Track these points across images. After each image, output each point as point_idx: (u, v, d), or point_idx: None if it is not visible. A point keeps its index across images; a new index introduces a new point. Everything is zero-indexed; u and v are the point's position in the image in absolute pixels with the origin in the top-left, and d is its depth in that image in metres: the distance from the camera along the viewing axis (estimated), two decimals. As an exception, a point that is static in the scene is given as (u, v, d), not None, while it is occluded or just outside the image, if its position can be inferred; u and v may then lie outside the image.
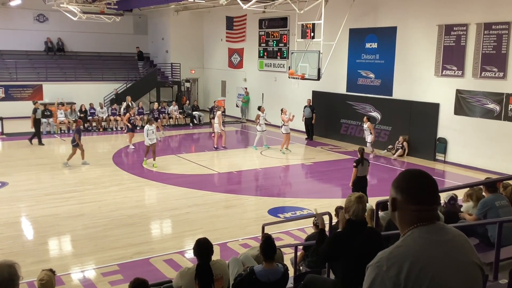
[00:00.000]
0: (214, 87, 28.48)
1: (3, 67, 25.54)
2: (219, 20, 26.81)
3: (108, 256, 8.39)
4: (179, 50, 28.26)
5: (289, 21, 21.77)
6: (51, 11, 25.01)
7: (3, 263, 2.98)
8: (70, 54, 28.11)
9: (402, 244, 1.92)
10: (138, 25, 30.19)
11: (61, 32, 27.50)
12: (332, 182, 14.34)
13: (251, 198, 12.53)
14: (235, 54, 26.50)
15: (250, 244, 8.81)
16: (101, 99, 24.27)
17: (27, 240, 9.49)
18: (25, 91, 24.84)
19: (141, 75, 27.56)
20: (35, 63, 26.46)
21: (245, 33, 25.36)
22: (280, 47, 23.00)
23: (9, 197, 11.81)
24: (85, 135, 21.07)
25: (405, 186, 1.99)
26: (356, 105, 19.30)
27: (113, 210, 10.93)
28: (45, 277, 3.58)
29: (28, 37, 26.80)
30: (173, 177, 14.16)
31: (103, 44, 28.36)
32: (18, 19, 26.50)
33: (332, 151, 18.28)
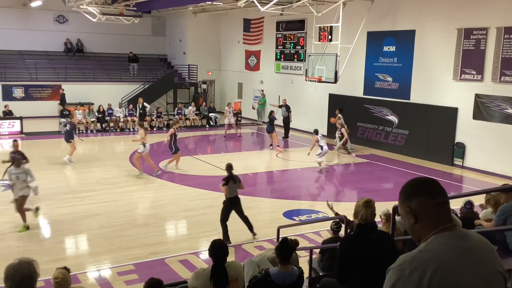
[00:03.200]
0: (231, 89, 28.56)
1: (23, 67, 25.96)
2: (236, 22, 26.89)
3: (124, 255, 8.45)
4: (196, 52, 28.42)
5: (307, 23, 21.75)
6: (71, 12, 25.35)
7: (23, 260, 3.02)
8: (89, 55, 28.46)
9: (425, 249, 1.91)
10: (156, 26, 30.44)
11: (80, 33, 27.87)
12: (348, 186, 14.26)
13: (266, 200, 12.52)
14: (252, 56, 26.54)
15: (265, 246, 8.81)
16: (119, 100, 24.48)
17: (45, 238, 9.62)
18: (44, 91, 25.20)
19: (132, 77, 27.59)
20: (54, 64, 26.84)
21: (262, 36, 25.40)
22: (297, 50, 22.98)
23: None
24: (103, 135, 21.35)
25: (413, 189, 2.01)
26: (373, 109, 19.18)
27: (129, 210, 11.02)
28: (60, 275, 3.62)
29: (48, 38, 27.21)
30: (188, 178, 14.22)
31: (121, 46, 28.66)
32: (39, 20, 26.92)
33: (348, 155, 18.15)
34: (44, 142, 18.94)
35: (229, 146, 20.31)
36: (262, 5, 15.63)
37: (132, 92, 25.82)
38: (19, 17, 26.55)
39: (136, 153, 14.36)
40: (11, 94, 24.29)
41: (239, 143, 20.88)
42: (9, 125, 20.13)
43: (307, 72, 18.59)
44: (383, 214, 6.63)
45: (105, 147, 19.66)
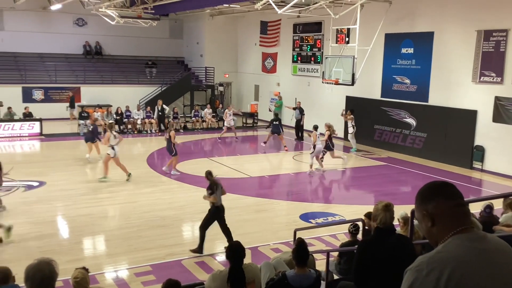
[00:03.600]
0: (247, 91, 28.61)
1: (43, 69, 26.37)
2: (253, 24, 26.94)
3: (141, 256, 8.51)
4: (213, 54, 28.55)
5: (324, 25, 21.69)
6: (90, 15, 25.72)
7: (43, 260, 3.07)
8: (108, 57, 28.78)
9: (443, 250, 1.91)
10: (173, 29, 30.67)
11: (99, 36, 28.22)
12: (365, 189, 14.16)
13: (283, 203, 12.51)
14: (268, 58, 26.56)
15: (281, 249, 8.79)
16: (137, 102, 24.69)
17: (63, 239, 9.73)
18: (63, 93, 25.54)
19: (150, 79, 27.86)
20: (73, 66, 27.20)
21: (279, 38, 25.40)
22: (314, 52, 22.93)
23: (47, 197, 12.15)
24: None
25: (429, 192, 2.02)
26: (390, 111, 19.03)
27: (146, 211, 11.10)
28: (79, 275, 3.67)
29: (68, 41, 27.60)
30: (205, 180, 14.21)
31: (139, 48, 28.94)
32: (58, 23, 27.33)
33: (365, 157, 18.06)
34: (63, 144, 19.21)
35: (245, 149, 20.34)
36: (279, 7, 15.64)
37: (149, 95, 26.04)
38: (39, 20, 26.99)
39: (106, 156, 13.93)
40: (31, 96, 24.68)
41: (247, 146, 20.90)
42: (29, 127, 20.45)
43: (324, 74, 18.54)
44: (401, 217, 6.57)
45: (122, 149, 19.74)
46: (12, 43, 26.31)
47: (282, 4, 16.50)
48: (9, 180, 13.37)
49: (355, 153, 18.67)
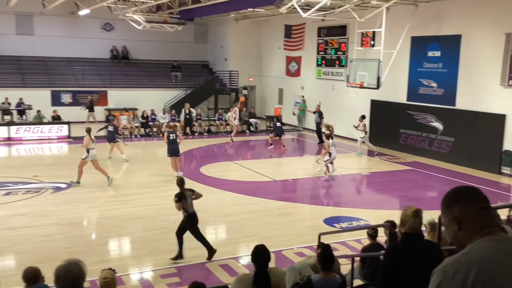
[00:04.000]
0: (271, 95, 28.64)
1: (71, 73, 26.90)
2: (278, 28, 26.98)
3: (166, 258, 8.58)
4: (238, 58, 28.68)
5: (349, 29, 21.58)
6: (117, 20, 26.14)
7: (72, 261, 3.13)
8: (134, 61, 29.20)
9: (469, 251, 1.91)
10: (198, 34, 30.94)
11: (126, 40, 28.67)
12: (390, 193, 14.01)
13: (307, 207, 12.46)
14: (292, 62, 26.55)
15: (305, 253, 8.76)
16: (162, 106, 24.97)
17: (90, 240, 9.89)
18: (91, 96, 25.97)
19: (175, 83, 28.06)
20: (101, 70, 27.68)
21: (303, 41, 25.37)
22: (339, 55, 22.82)
23: (74, 198, 12.38)
24: (146, 140, 21.82)
25: (455, 196, 2.03)
26: (416, 115, 18.78)
27: (171, 214, 11.15)
28: (109, 275, 3.74)
29: (95, 45, 28.12)
30: (229, 183, 14.34)
31: (165, 52, 29.28)
32: (86, 28, 27.86)
33: (390, 161, 17.86)
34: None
35: (268, 152, 20.32)
36: (304, 11, 15.62)
37: (174, 98, 26.32)
38: (68, 25, 27.58)
39: (81, 160, 13.66)
40: (59, 99, 25.19)
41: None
42: (58, 130, 20.88)
43: (348, 78, 18.43)
44: (428, 223, 6.47)
45: (148, 151, 20.10)
46: (41, 47, 26.94)
47: (307, 7, 16.49)
48: (38, 181, 13.70)
49: (379, 157, 18.50)
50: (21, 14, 26.30)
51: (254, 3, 18.66)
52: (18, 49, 26.54)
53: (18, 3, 22.60)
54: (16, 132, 20.42)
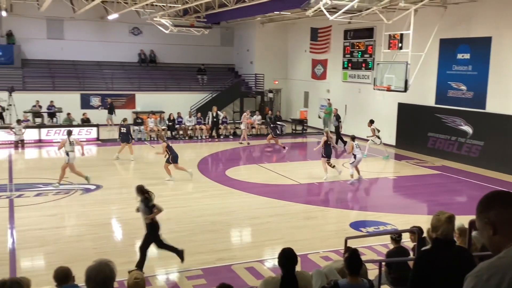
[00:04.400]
0: (297, 98, 28.59)
1: (101, 77, 27.41)
2: (304, 31, 26.92)
3: (193, 260, 8.64)
4: (263, 61, 28.74)
5: (376, 31, 21.38)
6: (145, 24, 26.52)
7: (103, 261, 3.18)
8: (161, 65, 29.58)
9: (504, 256, 1.88)
10: (224, 37, 31.14)
11: (153, 44, 29.07)
12: (418, 198, 13.80)
13: (332, 210, 12.38)
14: (318, 65, 26.45)
15: (331, 257, 8.70)
16: (188, 109, 25.18)
17: (118, 241, 10.05)
18: (119, 100, 26.44)
19: (201, 86, 28.22)
20: (129, 74, 28.12)
21: (330, 44, 25.25)
22: (365, 58, 22.63)
23: (103, 200, 12.59)
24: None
25: (491, 200, 2.01)
26: (445, 118, 18.47)
27: (197, 216, 11.28)
28: (139, 276, 3.80)
29: (124, 49, 28.61)
30: (254, 186, 14.35)
31: (191, 56, 29.57)
32: (115, 32, 28.38)
33: (418, 165, 17.60)
34: (118, 149, 19.78)
35: (293, 155, 20.31)
36: (331, 14, 15.55)
37: (200, 101, 26.53)
38: (97, 29, 28.13)
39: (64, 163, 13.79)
40: (88, 102, 25.68)
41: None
42: (87, 132, 21.28)
43: (375, 80, 18.25)
44: (458, 229, 6.35)
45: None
46: (71, 51, 27.56)
47: (333, 10, 16.41)
48: (68, 183, 13.97)
49: (406, 161, 18.26)
50: (52, 19, 26.94)
51: (280, 6, 18.67)
52: (48, 53, 27.21)
53: (49, 8, 23.14)
54: (46, 134, 20.90)
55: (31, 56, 27.12)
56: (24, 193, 12.91)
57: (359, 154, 14.72)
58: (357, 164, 14.85)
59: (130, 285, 3.76)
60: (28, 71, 26.24)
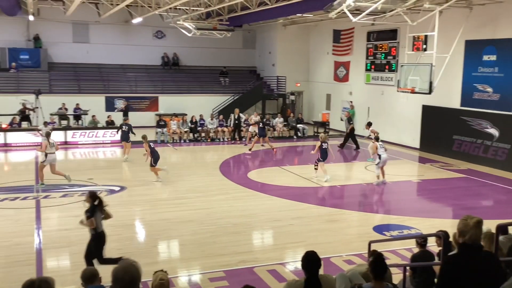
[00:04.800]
0: (319, 100, 28.48)
1: (125, 80, 27.78)
2: (326, 33, 26.82)
3: (215, 262, 8.69)
4: (285, 64, 28.73)
5: (399, 33, 21.17)
6: (168, 27, 26.85)
7: (129, 262, 3.23)
8: (184, 68, 29.84)
9: None
10: (246, 40, 31.25)
11: (176, 47, 29.37)
12: (443, 202, 13.58)
13: (355, 214, 12.28)
14: (341, 67, 26.31)
15: (354, 261, 8.64)
16: (211, 111, 25.32)
17: (142, 242, 10.16)
18: (143, 102, 26.76)
19: (224, 88, 28.28)
20: (152, 77, 28.44)
21: (352, 46, 25.10)
22: (389, 60, 22.42)
23: (127, 201, 12.75)
24: (195, 145, 22.18)
25: None
26: (471, 121, 18.16)
27: (220, 218, 11.33)
28: (164, 277, 3.84)
29: (147, 52, 28.96)
30: (276, 188, 14.35)
31: (213, 59, 29.77)
32: (139, 35, 28.76)
33: (443, 169, 17.34)
34: (142, 151, 19.98)
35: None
36: (354, 15, 15.45)
37: (222, 103, 26.65)
38: (121, 33, 28.55)
39: (40, 164, 14.08)
40: (113, 105, 26.03)
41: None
42: (111, 134, 21.56)
43: (399, 83, 18.06)
44: (484, 233, 6.24)
45: (196, 156, 20.42)
46: (96, 55, 28.02)
47: (356, 12, 16.31)
48: (93, 184, 14.20)
49: (431, 164, 18.02)
50: (77, 23, 27.44)
51: (303, 8, 18.64)
52: (74, 56, 27.71)
53: (75, 12, 23.58)
54: (72, 136, 21.27)
55: (58, 60, 27.66)
56: (50, 194, 13.17)
57: (384, 154, 14.61)
58: (383, 165, 14.71)
59: (156, 286, 3.80)
60: (54, 74, 26.77)
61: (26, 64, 26.30)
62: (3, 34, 26.38)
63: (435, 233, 6.30)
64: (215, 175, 15.95)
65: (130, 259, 3.31)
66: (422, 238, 6.66)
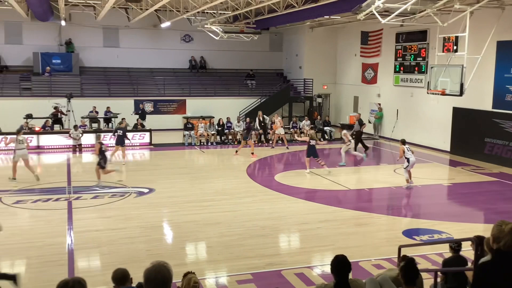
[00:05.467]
0: (346, 103, 28.27)
1: (153, 83, 28.16)
2: (354, 35, 26.62)
3: (242, 264, 8.71)
4: (312, 66, 28.63)
5: (429, 34, 20.85)
6: (196, 31, 27.12)
7: (161, 263, 3.26)
8: (211, 71, 30.07)
9: None
10: (273, 42, 31.29)
11: (204, 50, 29.64)
12: (474, 206, 13.29)
13: (384, 217, 12.13)
14: (369, 69, 26.06)
15: (384, 265, 8.53)
16: (237, 114, 25.43)
17: (170, 243, 10.26)
18: (170, 105, 27.07)
19: (250, 91, 28.25)
20: (180, 80, 28.74)
21: (381, 48, 24.83)
22: (418, 62, 22.09)
23: (156, 203, 12.90)
24: (222, 148, 22.30)
25: None
26: (503, 123, 17.72)
27: (247, 220, 11.35)
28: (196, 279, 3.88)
29: (175, 56, 29.32)
30: (304, 191, 14.30)
31: (240, 62, 29.91)
32: (167, 39, 29.14)
33: (474, 172, 16.98)
34: (170, 153, 20.28)
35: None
36: (382, 17, 15.29)
37: (249, 106, 26.73)
38: (150, 37, 28.97)
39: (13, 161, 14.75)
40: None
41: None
42: (140, 137, 21.89)
43: (429, 84, 17.77)
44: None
45: (223, 158, 20.51)
46: (126, 59, 28.51)
47: (385, 13, 16.14)
48: (123, 186, 14.43)
49: (462, 167, 17.67)
50: (108, 27, 27.97)
51: (330, 10, 18.55)
52: (104, 60, 28.26)
53: (105, 17, 24.04)
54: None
55: (88, 64, 28.25)
56: (81, 196, 13.44)
57: (412, 157, 14.44)
58: (411, 167, 14.53)
59: (186, 287, 3.84)
60: (85, 78, 27.34)
61: (58, 68, 26.95)
62: (36, 39, 27.10)
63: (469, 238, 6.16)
64: (242, 178, 16.00)
65: (161, 261, 3.34)
66: (456, 243, 6.52)
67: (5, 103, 24.08)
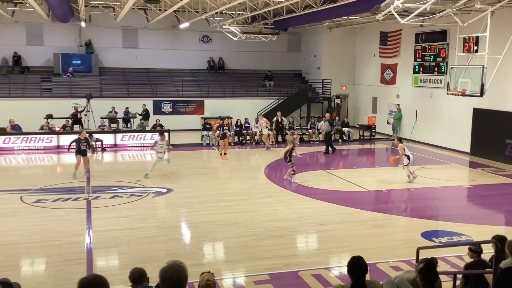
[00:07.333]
0: (365, 103, 28.08)
1: (171, 84, 28.35)
2: (372, 35, 26.43)
3: (260, 265, 8.71)
4: (331, 67, 28.52)
5: (449, 34, 20.59)
6: (214, 32, 27.24)
7: (176, 262, 3.29)
8: (229, 71, 30.16)
9: None
10: (292, 43, 31.24)
11: (222, 51, 29.76)
12: (494, 208, 13.08)
13: (402, 219, 12.01)
14: (388, 69, 25.84)
15: (402, 267, 8.45)
16: (255, 114, 25.42)
17: (187, 243, 10.31)
18: (189, 106, 27.23)
19: (268, 92, 28.22)
20: (198, 81, 28.89)
21: (400, 48, 24.61)
22: (438, 62, 21.83)
23: (174, 203, 12.99)
24: (240, 148, 22.34)
25: None
26: (525, 125, 17.42)
27: (264, 221, 11.35)
28: (211, 278, 3.89)
29: (194, 57, 29.50)
30: (321, 192, 14.23)
31: (258, 62, 29.94)
32: (186, 40, 29.33)
33: (495, 174, 16.71)
34: (188, 154, 20.39)
35: (361, 162, 19.91)
36: (402, 17, 15.15)
37: (267, 107, 26.72)
38: (169, 38, 29.20)
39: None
40: (160, 109, 26.63)
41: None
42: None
43: (449, 85, 17.53)
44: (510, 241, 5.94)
45: (241, 159, 20.55)
46: (145, 60, 28.77)
47: (404, 13, 15.99)
48: (141, 186, 14.55)
49: (482, 169, 17.40)
50: (127, 28, 28.27)
51: (349, 10, 18.45)
52: (124, 61, 28.57)
53: (125, 18, 24.30)
54: (121, 139, 21.88)
55: (108, 65, 28.58)
56: (100, 195, 13.59)
57: (411, 155, 15.04)
58: (411, 164, 15.22)
59: (202, 287, 3.86)
60: (105, 78, 27.66)
61: (78, 69, 27.32)
62: (57, 40, 27.52)
63: (488, 240, 6.07)
64: (260, 178, 16.01)
65: (177, 260, 3.36)
66: (477, 245, 6.40)
67: (26, 103, 24.50)
